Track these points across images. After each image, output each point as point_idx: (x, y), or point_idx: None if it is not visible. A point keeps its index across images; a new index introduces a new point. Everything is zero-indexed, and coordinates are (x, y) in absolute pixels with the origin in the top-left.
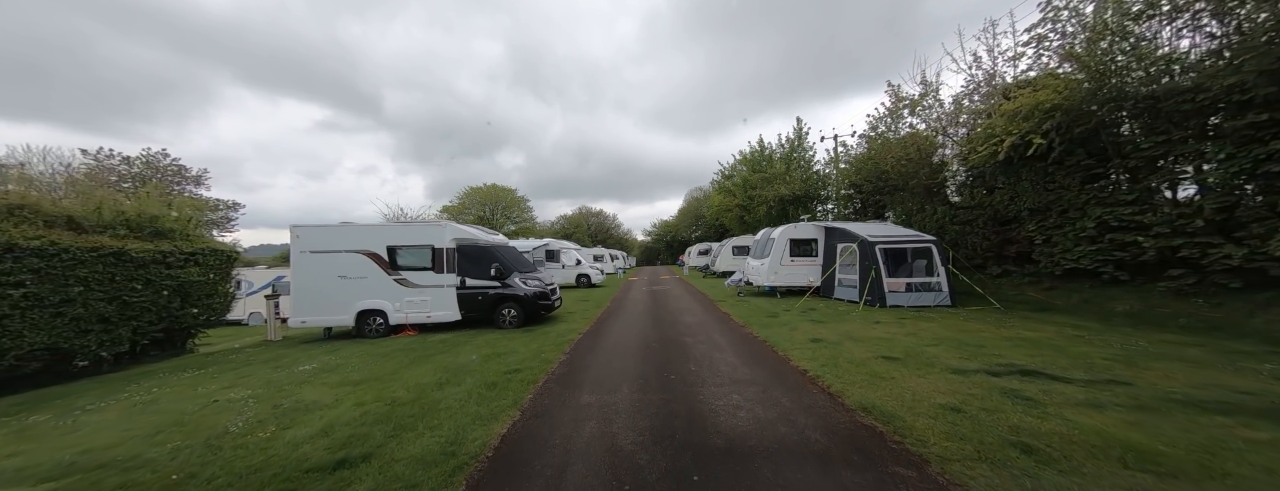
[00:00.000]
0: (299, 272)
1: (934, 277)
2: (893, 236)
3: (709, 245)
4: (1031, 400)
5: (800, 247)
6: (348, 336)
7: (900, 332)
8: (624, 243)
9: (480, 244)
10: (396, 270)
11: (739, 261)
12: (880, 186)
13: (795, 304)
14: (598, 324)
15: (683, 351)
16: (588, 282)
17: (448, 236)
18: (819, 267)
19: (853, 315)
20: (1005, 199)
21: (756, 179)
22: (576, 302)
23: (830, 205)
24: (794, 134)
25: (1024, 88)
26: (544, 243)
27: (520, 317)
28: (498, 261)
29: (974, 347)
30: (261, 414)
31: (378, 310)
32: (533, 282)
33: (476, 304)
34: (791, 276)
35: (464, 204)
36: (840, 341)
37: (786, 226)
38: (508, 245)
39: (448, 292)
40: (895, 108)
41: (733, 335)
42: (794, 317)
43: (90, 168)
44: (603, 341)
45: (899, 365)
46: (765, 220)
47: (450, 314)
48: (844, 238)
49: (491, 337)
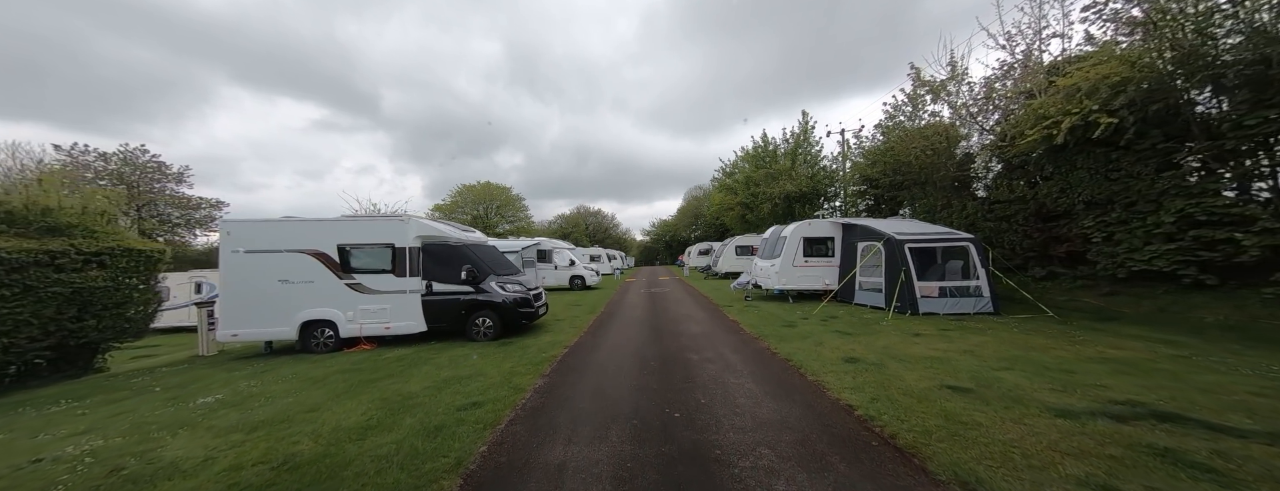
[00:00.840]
0: (230, 276)
1: (973, 281)
2: (923, 234)
3: (710, 245)
4: (1210, 470)
5: (815, 247)
6: (291, 351)
7: (952, 349)
8: (622, 242)
9: (450, 242)
10: (349, 273)
11: (743, 262)
12: (899, 180)
13: (812, 310)
14: (588, 335)
15: (688, 374)
16: (582, 284)
17: (411, 234)
18: (836, 269)
19: (883, 325)
20: (1054, 191)
21: (760, 175)
22: (567, 308)
23: (838, 202)
24: (799, 128)
25: (1077, 63)
26: (535, 242)
27: (497, 328)
28: (470, 263)
29: (1059, 373)
30: (83, 487)
31: (326, 320)
32: (512, 287)
33: (445, 312)
34: (805, 279)
35: (457, 202)
36: (882, 362)
37: (799, 224)
38: (484, 244)
39: (410, 299)
40: (915, 94)
41: (746, 351)
42: (815, 328)
43: (63, 164)
44: (591, 359)
45: (975, 401)
46: (770, 218)
47: (413, 324)
48: (866, 235)
49: (459, 353)
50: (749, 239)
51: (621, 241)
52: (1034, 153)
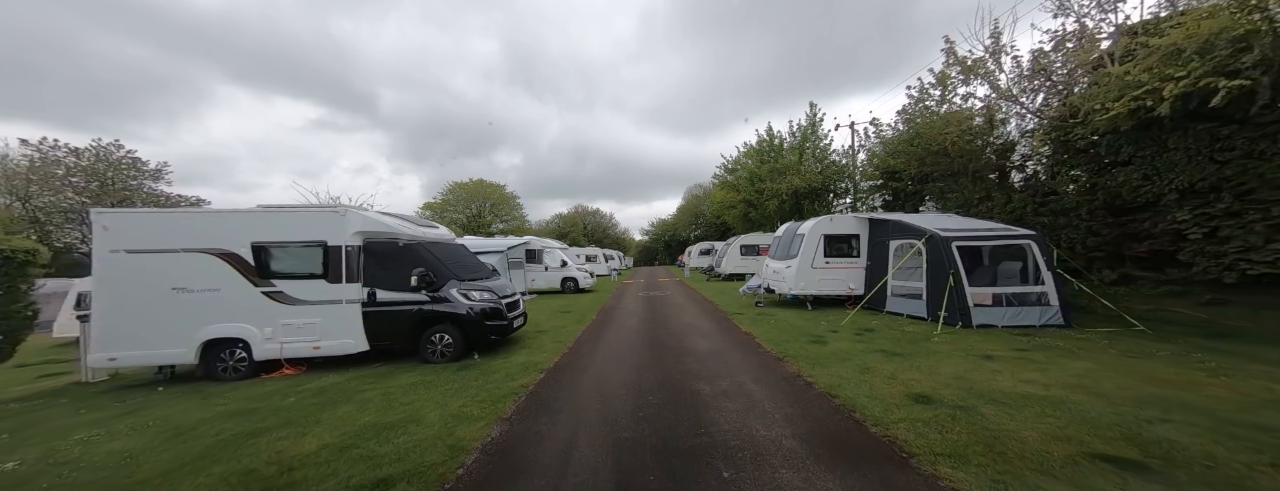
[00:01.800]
0: (108, 283)
1: (1035, 286)
2: (971, 231)
3: (711, 244)
4: None
5: (837, 246)
6: (192, 379)
7: (1053, 382)
8: (621, 242)
9: (400, 241)
10: (267, 279)
11: (749, 262)
12: (928, 172)
13: (839, 320)
14: (572, 353)
15: (699, 419)
16: (575, 287)
17: (349, 229)
18: (861, 271)
19: (934, 341)
20: (1135, 178)
21: (765, 171)
22: (553, 316)
23: (848, 199)
24: (806, 121)
25: (1178, 17)
26: (523, 241)
27: (458, 346)
28: (425, 265)
29: (1245, 428)
30: None
31: (235, 339)
32: (480, 295)
33: (393, 326)
34: (826, 283)
35: (448, 201)
36: (968, 403)
37: (819, 220)
38: (448, 242)
39: (347, 312)
40: (944, 75)
41: (772, 379)
42: (851, 345)
43: (31, 159)
44: (571, 391)
45: (1167, 488)
46: (776, 216)
47: (350, 342)
48: (899, 232)
49: (401, 383)
50: (756, 238)
51: (620, 241)
52: (1107, 132)
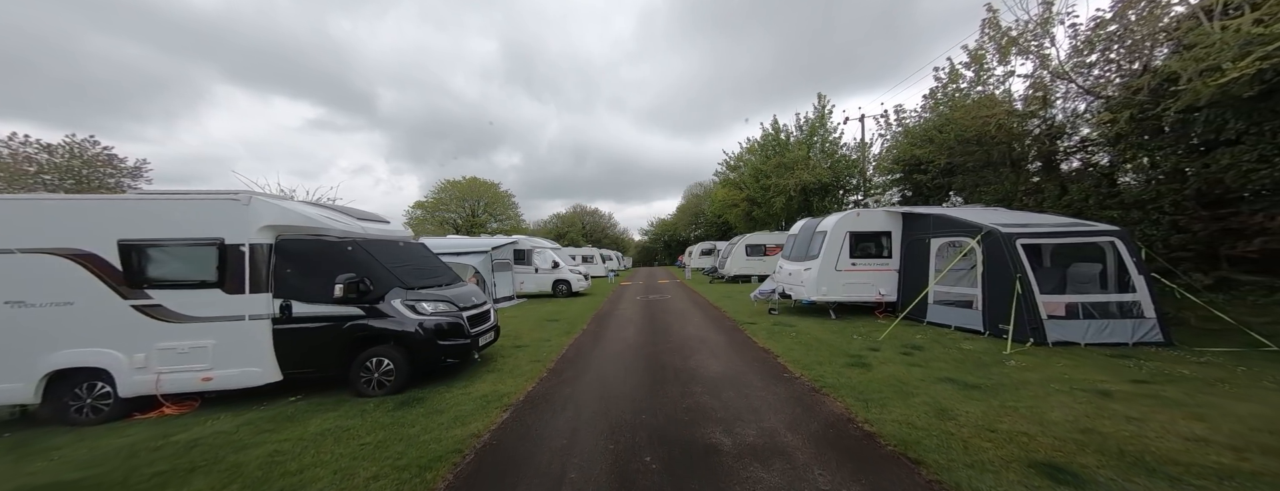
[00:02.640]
0: None
1: (1125, 294)
2: (1037, 227)
3: (713, 244)
4: None
5: (865, 245)
6: (43, 423)
7: (1237, 439)
8: (620, 242)
9: (328, 237)
10: (140, 289)
11: (756, 263)
12: (961, 161)
13: (875, 333)
14: (551, 378)
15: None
16: (568, 290)
17: (254, 222)
18: (894, 274)
19: (1012, 366)
20: (1250, 159)
21: (771, 166)
22: (538, 325)
23: (858, 196)
24: (815, 113)
25: None
26: (511, 240)
27: (402, 373)
28: (358, 269)
29: None
30: None
31: (94, 369)
32: (434, 306)
33: (315, 349)
34: (853, 287)
35: (440, 200)
36: (1135, 482)
37: (844, 215)
38: (398, 240)
39: (251, 331)
40: (977, 54)
41: (816, 426)
42: (902, 369)
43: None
44: (535, 447)
45: None
46: (784, 213)
47: (256, 371)
48: (944, 228)
49: (311, 431)
50: (762, 237)
51: (619, 241)
52: (1209, 105)
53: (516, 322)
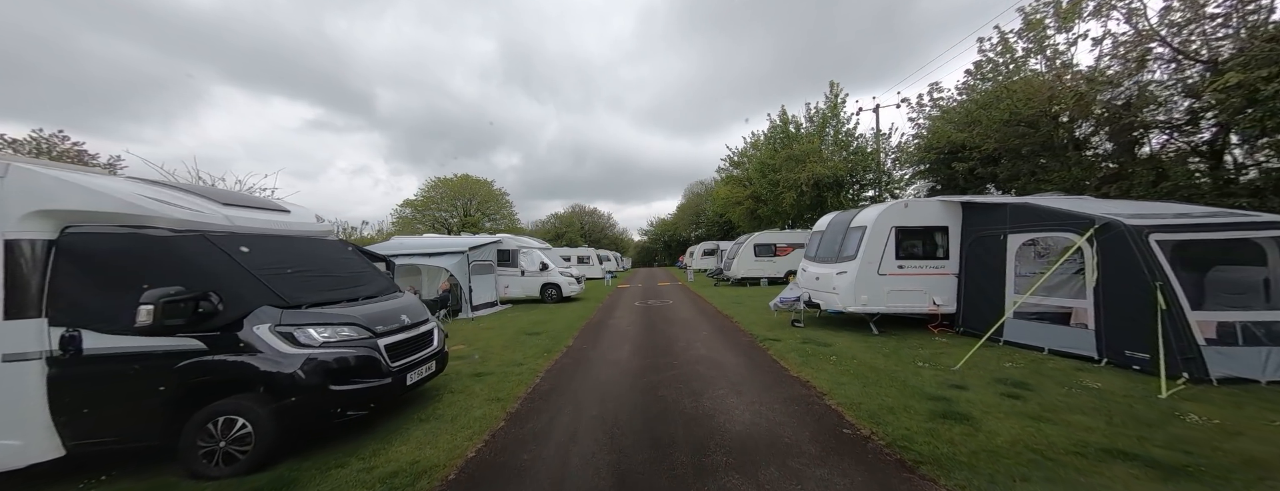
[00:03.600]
0: None
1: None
2: (1179, 218)
3: (716, 244)
4: None
5: (913, 243)
6: None
7: None
8: (619, 243)
9: (154, 231)
10: None
11: (764, 264)
12: (1017, 145)
13: (943, 358)
14: (506, 433)
15: None
16: (557, 295)
17: (12, 206)
18: (951, 279)
19: (1195, 420)
20: None
21: (780, 159)
22: (514, 341)
23: (872, 192)
24: (826, 103)
25: None
26: (495, 240)
27: (266, 438)
28: (197, 278)
29: None
30: None
31: None
32: (328, 332)
33: (121, 404)
34: (900, 295)
35: (430, 198)
36: None
37: (886, 207)
38: (292, 234)
39: (7, 377)
40: (1034, 22)
41: None
42: (1023, 426)
43: None
44: None
45: None
46: (793, 210)
47: (13, 444)
48: (1029, 222)
49: None
50: (772, 236)
51: (618, 241)
52: None
53: (489, 336)
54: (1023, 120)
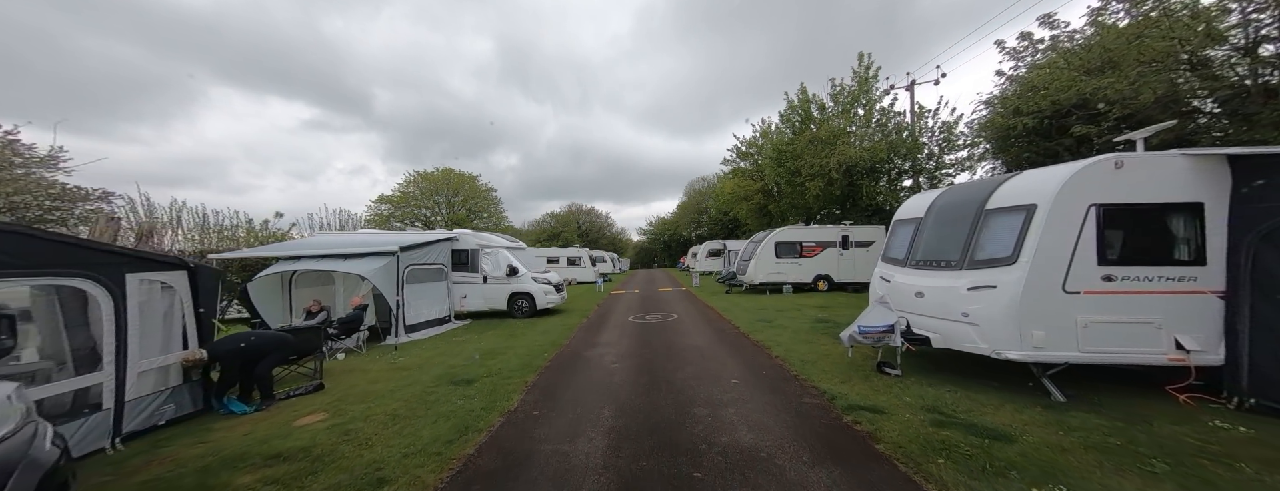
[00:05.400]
0: None
1: None
2: None
3: (722, 243)
4: None
5: (1135, 235)
6: None
7: None
8: (617, 243)
9: None
10: None
11: (787, 267)
12: (1184, 95)
13: (1244, 461)
14: None
15: None
16: (529, 308)
17: None
18: (1210, 300)
19: None
20: None
21: (802, 143)
22: (423, 397)
23: (910, 180)
24: (855, 78)
25: None
26: (447, 237)
27: None
28: None
29: None
30: None
31: None
32: None
33: None
34: (1112, 332)
35: (408, 194)
36: None
37: (1080, 168)
38: None
39: None
40: None
41: None
42: None
43: None
44: None
45: None
46: (819, 202)
47: None
48: None
49: None
50: (796, 232)
51: (616, 241)
52: None
53: (391, 389)
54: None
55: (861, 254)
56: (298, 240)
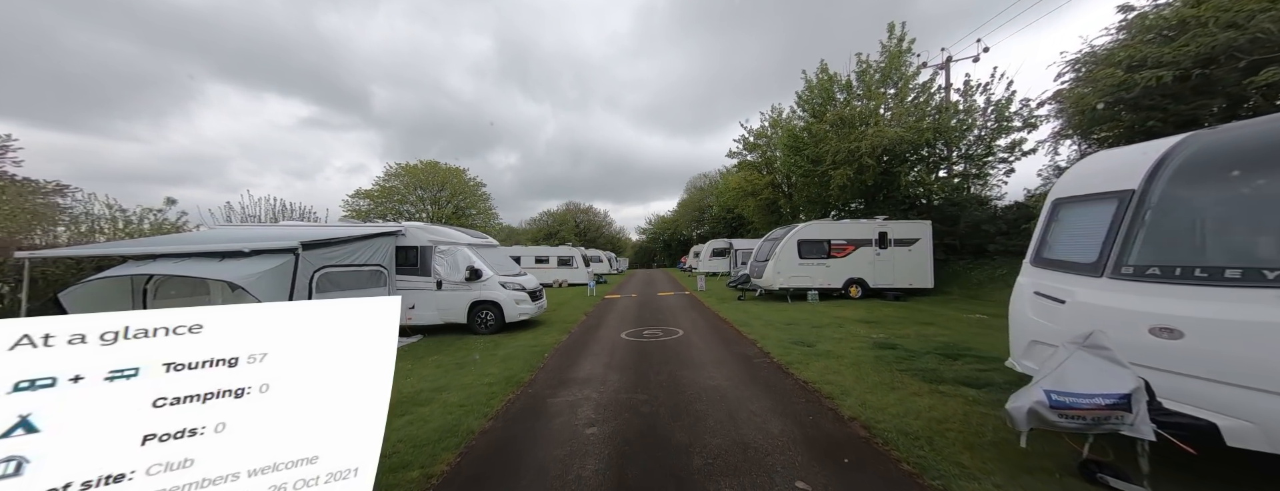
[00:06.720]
0: None
1: None
2: None
3: (728, 242)
4: None
5: None
6: None
7: None
8: (616, 242)
9: None
10: None
11: (813, 270)
12: None
13: None
14: None
15: None
16: (495, 321)
17: None
18: None
19: None
20: None
21: (830, 122)
22: None
23: (943, 171)
24: (883, 54)
25: None
26: (389, 231)
27: None
28: None
29: None
30: None
31: None
32: None
33: None
34: None
35: (389, 188)
36: None
37: None
38: None
39: None
40: None
41: None
42: None
43: None
44: None
45: None
46: (843, 195)
47: None
48: None
49: None
50: (825, 229)
51: (615, 240)
52: None
53: None
54: None
55: (902, 254)
56: (179, 235)
